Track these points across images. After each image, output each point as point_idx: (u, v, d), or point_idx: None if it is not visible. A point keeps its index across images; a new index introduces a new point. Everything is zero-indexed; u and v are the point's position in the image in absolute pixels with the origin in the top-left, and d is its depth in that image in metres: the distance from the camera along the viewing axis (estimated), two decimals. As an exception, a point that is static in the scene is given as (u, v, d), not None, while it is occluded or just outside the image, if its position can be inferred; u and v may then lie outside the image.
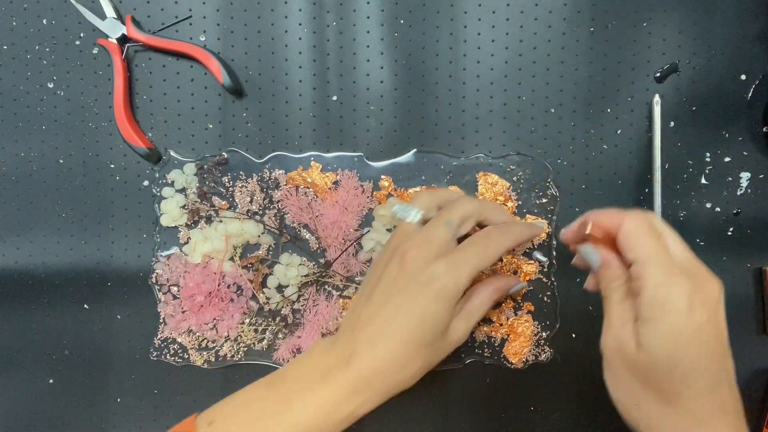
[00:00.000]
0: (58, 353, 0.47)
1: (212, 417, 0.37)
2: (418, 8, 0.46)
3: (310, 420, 0.35)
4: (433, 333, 0.36)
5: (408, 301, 0.36)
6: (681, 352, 0.30)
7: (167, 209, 0.46)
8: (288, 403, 0.36)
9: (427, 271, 0.36)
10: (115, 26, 0.45)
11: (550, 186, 0.46)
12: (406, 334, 0.35)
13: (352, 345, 0.36)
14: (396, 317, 0.36)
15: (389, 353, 0.36)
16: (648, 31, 0.46)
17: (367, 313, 0.37)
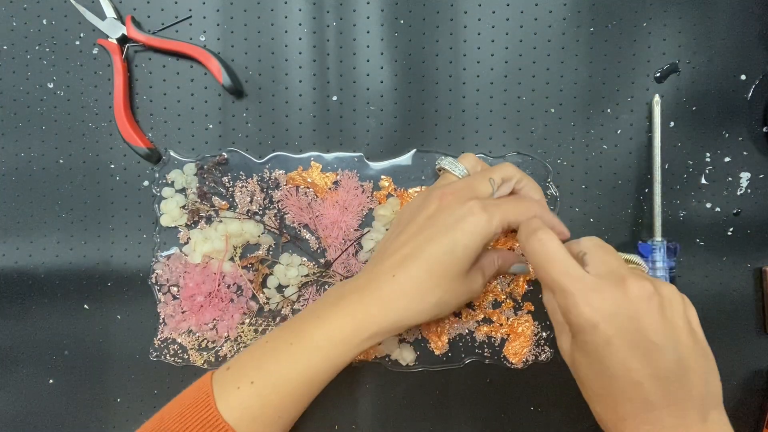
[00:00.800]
0: (58, 353, 0.47)
1: (230, 363, 0.38)
2: (418, 8, 0.46)
3: (320, 346, 0.36)
4: (459, 266, 0.37)
5: (440, 232, 0.36)
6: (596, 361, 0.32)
7: (167, 209, 0.46)
8: (300, 333, 0.36)
9: (464, 207, 0.36)
10: (115, 26, 0.45)
11: (550, 186, 0.46)
12: (433, 261, 0.36)
13: (372, 274, 0.37)
14: (425, 246, 0.36)
15: (412, 279, 0.36)
16: (648, 31, 0.46)
17: (396, 244, 0.38)
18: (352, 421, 0.46)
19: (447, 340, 0.46)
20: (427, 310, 0.37)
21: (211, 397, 0.35)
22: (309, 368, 0.36)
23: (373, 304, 0.36)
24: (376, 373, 0.46)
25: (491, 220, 0.36)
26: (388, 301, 0.36)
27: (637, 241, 0.45)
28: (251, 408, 0.35)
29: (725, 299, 0.46)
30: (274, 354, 0.36)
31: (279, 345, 0.37)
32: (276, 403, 0.36)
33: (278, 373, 0.36)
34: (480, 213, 0.36)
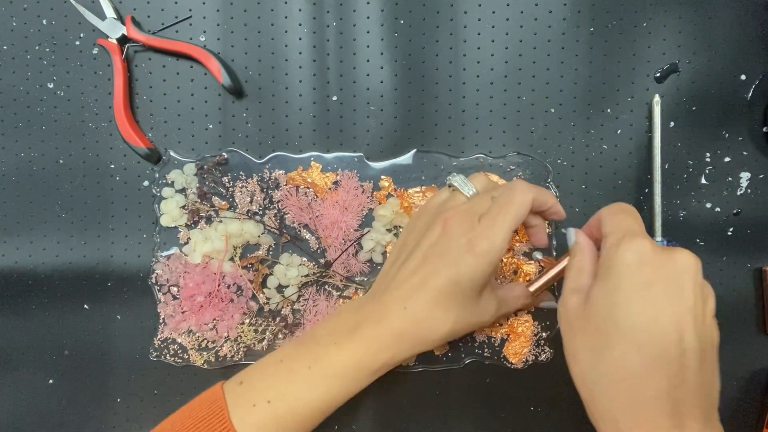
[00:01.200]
0: (58, 353, 0.47)
1: (242, 377, 0.38)
2: (418, 8, 0.46)
3: (339, 373, 0.37)
4: (467, 295, 0.37)
5: (447, 263, 0.37)
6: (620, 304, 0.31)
7: (167, 209, 0.46)
8: (317, 359, 0.37)
9: (469, 235, 0.37)
10: (115, 26, 0.45)
11: (550, 186, 0.46)
12: (440, 293, 0.36)
13: (383, 304, 0.38)
14: (432, 277, 0.37)
15: (421, 312, 0.37)
16: (648, 31, 0.46)
17: (404, 273, 0.38)
18: (352, 421, 0.46)
19: (447, 340, 0.46)
20: (439, 338, 0.38)
21: (225, 411, 0.35)
22: (327, 394, 0.37)
23: (387, 335, 0.37)
24: (376, 373, 0.46)
25: (494, 242, 0.36)
26: (401, 333, 0.37)
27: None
28: (267, 427, 0.36)
29: (725, 299, 0.46)
30: (290, 376, 0.37)
31: (296, 367, 0.37)
32: (292, 425, 0.36)
33: (296, 396, 0.36)
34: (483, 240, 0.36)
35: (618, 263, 0.32)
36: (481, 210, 0.38)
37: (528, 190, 0.37)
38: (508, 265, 0.46)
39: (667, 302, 0.31)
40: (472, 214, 0.38)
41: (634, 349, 0.30)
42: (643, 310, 0.31)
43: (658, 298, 0.31)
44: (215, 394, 0.37)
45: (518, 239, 0.46)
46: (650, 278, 0.31)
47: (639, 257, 0.31)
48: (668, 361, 0.30)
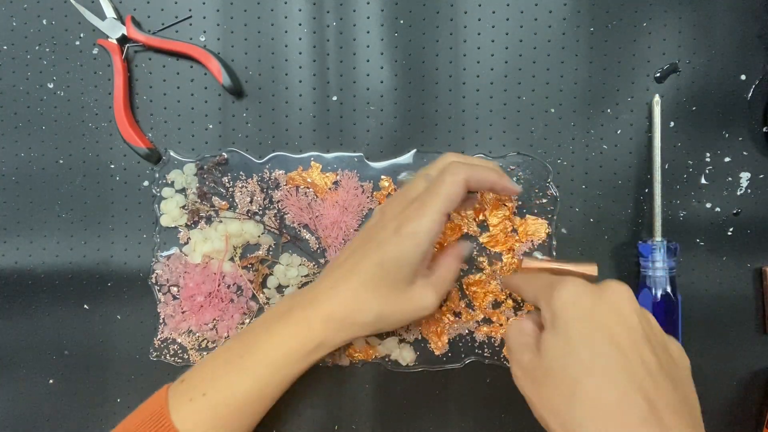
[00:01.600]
0: (58, 353, 0.47)
1: (184, 376, 0.39)
2: (418, 8, 0.46)
3: (269, 358, 0.37)
4: (393, 278, 0.37)
5: (374, 246, 0.37)
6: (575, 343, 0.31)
7: (167, 209, 0.46)
8: (250, 346, 0.38)
9: (398, 219, 0.37)
10: (115, 26, 0.45)
11: (550, 186, 0.46)
12: (365, 276, 0.37)
13: (316, 289, 0.39)
14: (361, 260, 0.37)
15: (348, 293, 0.37)
16: (648, 31, 0.46)
17: (336, 262, 0.40)
18: (352, 421, 0.46)
19: (447, 340, 0.46)
20: (366, 322, 0.38)
21: (165, 409, 0.37)
22: (258, 380, 0.37)
23: (315, 317, 0.37)
24: (376, 373, 0.46)
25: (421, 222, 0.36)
26: (328, 314, 0.37)
27: (637, 241, 0.45)
28: (203, 420, 0.36)
29: (725, 299, 0.46)
30: (225, 367, 0.38)
31: (230, 357, 0.38)
32: (227, 414, 0.37)
33: (229, 385, 0.37)
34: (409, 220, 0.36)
35: (559, 307, 0.32)
36: (415, 194, 0.38)
37: (459, 170, 0.37)
38: (507, 265, 0.46)
39: (618, 328, 0.31)
40: (404, 198, 0.39)
41: (605, 381, 0.29)
42: (600, 342, 0.30)
43: (607, 326, 0.31)
44: (159, 395, 0.38)
45: (518, 239, 0.46)
46: (593, 312, 0.31)
47: (575, 296, 0.32)
48: (640, 383, 0.29)
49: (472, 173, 0.37)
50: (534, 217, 0.46)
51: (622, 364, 0.30)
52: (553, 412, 0.31)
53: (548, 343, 0.32)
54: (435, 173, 0.39)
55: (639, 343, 0.30)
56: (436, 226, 0.37)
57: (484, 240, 0.46)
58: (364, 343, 0.46)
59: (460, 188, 0.37)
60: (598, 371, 0.30)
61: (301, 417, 0.46)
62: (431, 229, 0.36)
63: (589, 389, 0.30)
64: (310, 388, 0.47)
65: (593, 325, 0.31)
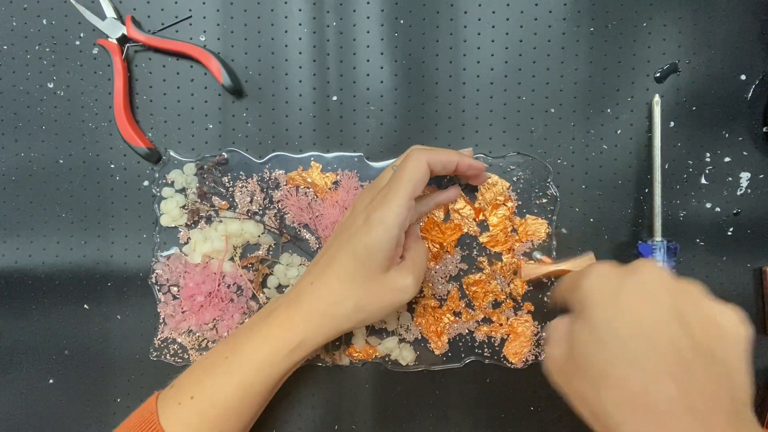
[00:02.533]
0: (58, 353, 0.47)
1: (174, 382, 0.40)
2: (418, 8, 0.46)
3: (253, 358, 0.38)
4: (367, 267, 0.37)
5: (347, 238, 0.38)
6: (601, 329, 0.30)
7: (167, 209, 0.46)
8: (234, 347, 0.38)
9: (367, 208, 0.38)
10: (115, 26, 0.45)
11: (549, 186, 0.46)
12: (339, 268, 0.38)
13: (297, 289, 0.39)
14: (336, 254, 0.38)
15: (325, 288, 0.38)
16: (648, 31, 0.46)
17: (315, 259, 0.41)
18: (352, 421, 0.46)
19: (447, 340, 0.46)
20: (347, 314, 0.38)
21: (155, 414, 0.37)
22: (243, 381, 0.37)
23: (296, 314, 0.38)
24: (376, 373, 0.46)
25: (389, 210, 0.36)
26: (309, 310, 0.38)
27: (637, 241, 0.45)
28: (191, 423, 0.37)
29: (725, 299, 0.45)
30: (211, 369, 0.38)
31: (216, 360, 0.39)
32: (213, 416, 0.37)
33: (214, 387, 0.37)
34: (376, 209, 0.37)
35: (586, 294, 0.31)
36: (382, 185, 0.39)
37: (420, 154, 0.38)
38: (507, 265, 0.46)
39: (645, 310, 0.30)
40: (373, 190, 0.40)
41: (631, 367, 0.29)
42: (625, 326, 0.30)
43: (633, 309, 0.30)
44: (149, 403, 0.39)
45: (518, 239, 0.46)
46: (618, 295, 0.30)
47: (600, 281, 0.31)
48: (668, 367, 0.28)
49: (433, 156, 0.39)
50: (534, 217, 0.46)
51: (648, 347, 0.29)
52: (583, 401, 0.31)
53: (576, 334, 0.31)
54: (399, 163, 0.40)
55: (669, 323, 0.29)
56: (403, 211, 0.37)
57: (484, 240, 0.46)
58: (364, 343, 0.46)
59: (422, 171, 0.38)
60: (622, 357, 0.29)
61: (301, 417, 0.46)
62: (399, 213, 0.37)
63: (615, 377, 0.29)
64: (310, 388, 0.47)
65: (618, 309, 0.30)
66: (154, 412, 0.37)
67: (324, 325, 0.38)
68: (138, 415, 0.39)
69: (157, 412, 0.37)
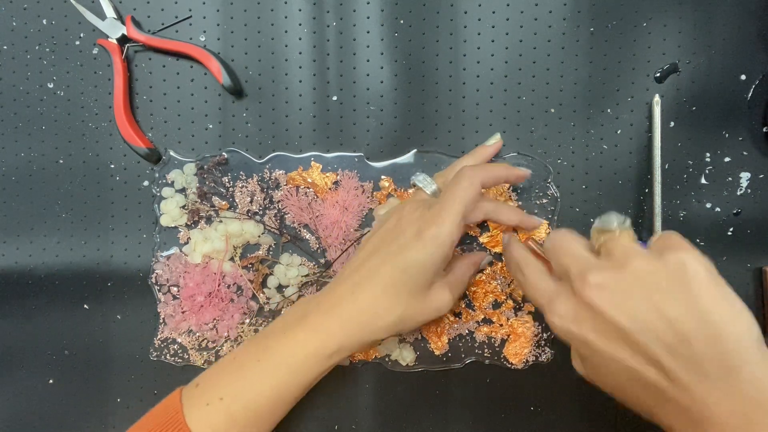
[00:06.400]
0: (58, 353, 0.47)
1: (199, 380, 0.39)
2: (418, 8, 0.46)
3: (287, 363, 0.37)
4: (415, 282, 0.37)
5: (395, 250, 0.37)
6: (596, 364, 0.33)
7: (167, 209, 0.46)
8: (267, 350, 0.37)
9: (418, 223, 0.37)
10: (115, 26, 0.45)
11: (550, 186, 0.46)
12: (388, 280, 0.37)
13: (334, 293, 0.38)
14: (381, 265, 0.37)
15: (368, 298, 0.37)
16: (648, 31, 0.46)
17: (356, 263, 0.39)
18: (352, 421, 0.46)
19: (447, 341, 0.46)
20: (387, 327, 0.38)
21: (180, 413, 0.36)
22: (277, 385, 0.37)
23: (334, 322, 0.37)
24: (376, 373, 0.46)
25: (441, 229, 0.36)
26: (348, 319, 0.37)
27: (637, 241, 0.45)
28: (220, 425, 0.36)
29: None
30: (241, 370, 0.37)
31: (246, 361, 0.38)
32: (244, 419, 0.37)
33: (247, 389, 0.37)
34: (431, 227, 0.37)
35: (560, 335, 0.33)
36: (433, 200, 0.39)
37: (474, 174, 0.38)
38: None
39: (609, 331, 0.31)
40: (423, 203, 0.39)
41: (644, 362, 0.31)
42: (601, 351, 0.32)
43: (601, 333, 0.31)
44: (172, 399, 0.38)
45: (518, 239, 0.46)
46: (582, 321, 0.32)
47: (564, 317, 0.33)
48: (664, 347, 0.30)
49: (485, 174, 0.39)
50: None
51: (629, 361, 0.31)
52: None
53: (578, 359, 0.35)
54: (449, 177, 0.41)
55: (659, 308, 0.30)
56: (456, 230, 0.37)
57: (484, 240, 0.46)
58: None
59: (476, 192, 0.38)
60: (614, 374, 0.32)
61: (301, 417, 0.46)
62: (452, 232, 0.37)
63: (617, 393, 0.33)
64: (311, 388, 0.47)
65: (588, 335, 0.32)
66: (180, 410, 0.36)
67: (362, 335, 0.38)
68: (162, 412, 0.38)
69: (183, 411, 0.36)
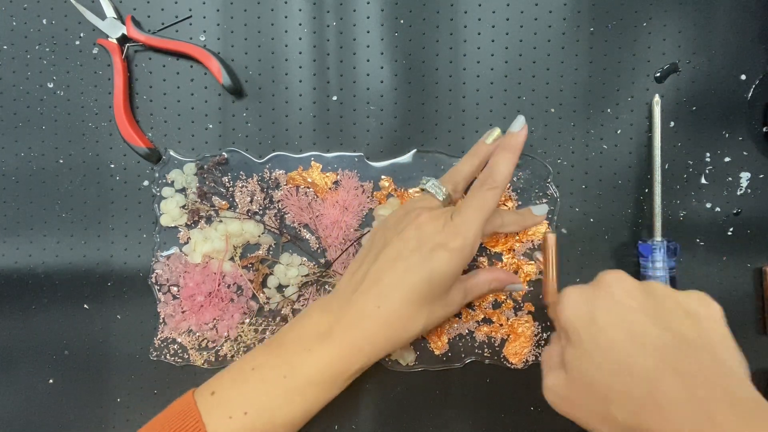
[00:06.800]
0: (58, 353, 0.47)
1: (213, 387, 0.37)
2: (418, 8, 0.46)
3: (315, 382, 0.36)
4: (439, 291, 0.38)
5: (420, 261, 0.37)
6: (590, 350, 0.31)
7: (167, 209, 0.46)
8: (291, 368, 0.36)
9: (442, 233, 0.37)
10: (115, 26, 0.45)
11: (549, 186, 0.46)
12: (414, 292, 0.37)
13: (356, 304, 0.37)
14: (406, 275, 0.37)
15: (395, 312, 0.37)
16: (648, 31, 0.46)
17: (375, 272, 0.38)
18: (352, 421, 0.46)
19: (447, 340, 0.46)
20: (412, 337, 0.38)
21: (200, 423, 0.35)
22: (304, 403, 0.37)
23: (361, 339, 0.37)
24: (376, 373, 0.46)
25: (466, 240, 0.37)
26: (374, 334, 0.37)
27: (637, 241, 0.45)
28: None
29: (725, 299, 0.45)
30: (265, 386, 0.36)
31: (270, 377, 0.36)
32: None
33: (273, 407, 0.36)
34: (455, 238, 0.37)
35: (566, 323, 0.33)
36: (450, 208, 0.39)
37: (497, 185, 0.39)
38: (508, 265, 0.46)
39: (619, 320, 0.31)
40: (443, 213, 0.39)
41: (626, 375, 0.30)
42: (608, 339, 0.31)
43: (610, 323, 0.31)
44: (188, 406, 0.36)
45: (518, 239, 0.46)
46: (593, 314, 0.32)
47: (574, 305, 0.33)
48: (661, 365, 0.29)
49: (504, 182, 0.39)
50: (534, 217, 0.46)
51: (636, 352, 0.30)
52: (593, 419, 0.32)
53: (569, 360, 0.33)
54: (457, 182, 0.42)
55: (645, 324, 0.31)
56: (479, 239, 0.38)
57: (483, 240, 0.46)
58: None
59: (496, 203, 0.39)
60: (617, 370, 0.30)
61: (301, 417, 0.46)
62: (476, 243, 0.38)
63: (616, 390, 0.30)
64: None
65: (598, 327, 0.31)
66: (199, 419, 0.35)
67: (388, 348, 0.38)
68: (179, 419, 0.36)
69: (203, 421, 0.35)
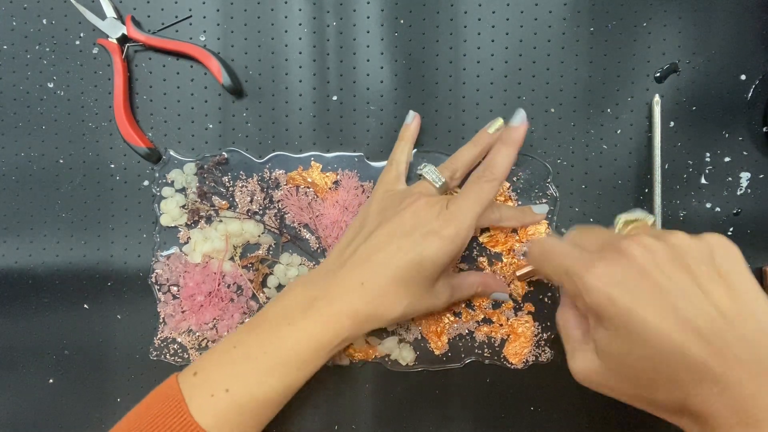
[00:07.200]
0: (58, 353, 0.47)
1: (195, 368, 0.37)
2: (418, 8, 0.46)
3: (296, 356, 0.37)
4: (425, 277, 0.38)
5: (412, 244, 0.37)
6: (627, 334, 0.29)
7: (167, 209, 0.46)
8: (272, 343, 0.37)
9: (438, 219, 0.37)
10: (115, 26, 0.45)
11: (549, 186, 0.46)
12: (401, 273, 0.37)
13: (341, 279, 0.38)
14: (395, 256, 0.37)
15: (379, 289, 0.37)
16: (648, 31, 0.46)
17: (365, 250, 0.38)
18: (352, 421, 0.46)
19: (447, 340, 0.46)
20: (394, 318, 0.38)
21: (183, 403, 0.35)
22: (285, 377, 0.37)
23: (342, 314, 0.37)
24: (376, 373, 0.46)
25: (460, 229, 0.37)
26: (356, 311, 0.37)
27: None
28: (228, 415, 0.36)
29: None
30: (246, 362, 0.36)
31: (252, 353, 0.37)
32: (254, 410, 0.36)
33: (254, 382, 0.36)
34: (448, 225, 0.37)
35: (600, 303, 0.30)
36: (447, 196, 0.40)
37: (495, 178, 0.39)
38: (507, 265, 0.46)
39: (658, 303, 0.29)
40: (440, 200, 0.39)
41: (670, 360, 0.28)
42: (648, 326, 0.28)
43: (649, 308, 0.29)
44: (171, 388, 0.37)
45: (518, 239, 0.46)
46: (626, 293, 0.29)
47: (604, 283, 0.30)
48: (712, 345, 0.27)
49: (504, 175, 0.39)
50: (534, 217, 0.46)
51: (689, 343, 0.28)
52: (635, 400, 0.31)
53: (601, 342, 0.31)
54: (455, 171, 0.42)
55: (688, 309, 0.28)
56: (472, 231, 0.38)
57: (484, 240, 0.46)
58: (364, 343, 0.46)
59: (493, 195, 0.39)
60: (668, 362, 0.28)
61: (301, 417, 0.46)
62: (469, 233, 0.38)
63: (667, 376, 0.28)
64: (310, 388, 0.46)
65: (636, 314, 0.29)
66: (182, 400, 0.35)
67: (370, 326, 0.38)
68: (161, 401, 0.36)
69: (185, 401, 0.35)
